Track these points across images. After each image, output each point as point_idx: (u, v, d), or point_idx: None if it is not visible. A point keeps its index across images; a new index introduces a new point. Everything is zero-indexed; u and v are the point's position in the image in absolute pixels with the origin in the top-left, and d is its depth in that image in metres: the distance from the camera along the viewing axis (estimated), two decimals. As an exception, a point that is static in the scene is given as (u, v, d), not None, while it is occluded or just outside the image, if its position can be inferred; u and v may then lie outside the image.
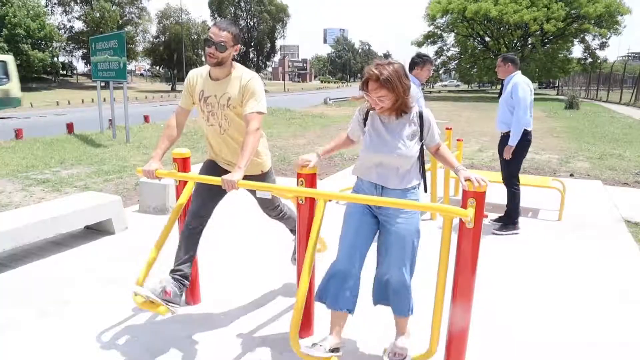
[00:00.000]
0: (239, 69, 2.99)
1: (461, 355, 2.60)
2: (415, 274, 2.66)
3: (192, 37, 55.26)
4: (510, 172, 5.05)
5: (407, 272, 2.59)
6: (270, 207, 3.40)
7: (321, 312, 3.10)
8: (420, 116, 2.60)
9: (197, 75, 3.08)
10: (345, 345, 2.86)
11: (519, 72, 4.91)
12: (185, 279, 3.04)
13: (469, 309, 2.53)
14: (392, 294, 2.64)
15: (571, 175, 8.23)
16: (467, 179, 2.35)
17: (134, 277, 3.94)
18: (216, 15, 65.59)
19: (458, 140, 6.99)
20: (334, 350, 2.61)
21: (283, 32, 70.27)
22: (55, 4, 53.35)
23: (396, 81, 2.42)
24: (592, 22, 36.99)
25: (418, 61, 5.03)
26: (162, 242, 2.98)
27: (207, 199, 3.11)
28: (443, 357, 2.64)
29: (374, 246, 2.72)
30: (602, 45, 40.62)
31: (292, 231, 3.65)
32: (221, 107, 2.96)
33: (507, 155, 4.88)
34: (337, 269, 2.63)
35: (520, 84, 4.77)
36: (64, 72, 57.53)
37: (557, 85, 62.02)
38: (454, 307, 2.53)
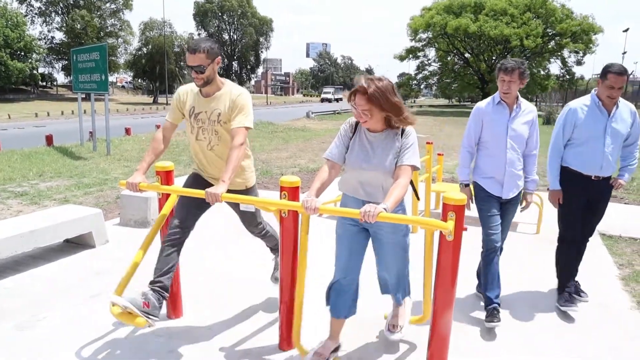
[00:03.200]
0: (227, 85, 3.05)
1: (443, 354, 2.65)
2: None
3: (175, 49, 55.08)
4: None
5: (402, 270, 2.86)
6: (253, 224, 3.42)
7: (305, 324, 3.11)
8: (402, 131, 2.60)
9: (188, 91, 3.12)
10: (341, 343, 2.96)
11: None
12: (165, 291, 2.95)
13: (450, 319, 2.57)
14: (393, 287, 2.95)
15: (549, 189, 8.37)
16: (365, 213, 2.27)
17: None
18: (201, 28, 65.55)
19: (439, 154, 7.11)
20: (334, 350, 2.89)
21: (267, 44, 70.59)
22: (35, 14, 52.81)
23: (381, 98, 2.43)
24: (569, 37, 38.05)
25: None
26: (143, 253, 2.96)
27: (191, 210, 3.10)
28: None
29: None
30: (579, 62, 41.77)
31: (273, 250, 3.69)
32: (212, 123, 3.01)
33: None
34: (336, 285, 2.83)
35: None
36: (44, 83, 56.73)
37: (535, 101, 63.45)
38: (435, 318, 2.57)
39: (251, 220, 3.39)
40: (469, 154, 3.52)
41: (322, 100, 71.83)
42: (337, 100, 73.00)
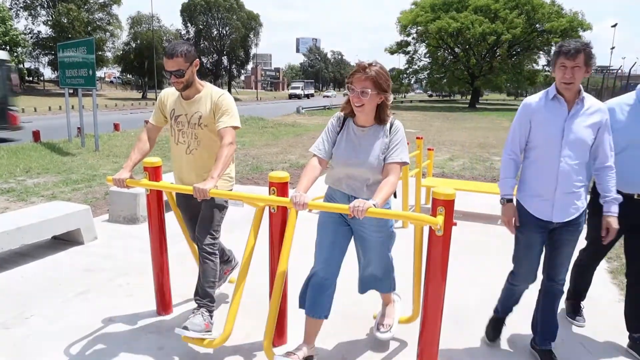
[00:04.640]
0: (207, 87, 3.03)
1: (433, 349, 2.65)
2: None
3: (164, 44, 54.57)
4: None
5: (388, 267, 2.88)
6: (207, 230, 3.04)
7: (294, 320, 3.11)
8: (390, 127, 2.60)
9: (169, 94, 3.12)
10: (318, 353, 2.88)
11: None
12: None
13: (440, 315, 2.58)
14: (378, 282, 2.96)
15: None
16: (354, 208, 2.25)
17: (103, 288, 3.88)
18: (188, 24, 64.98)
19: (429, 149, 7.13)
20: (307, 358, 2.69)
21: (256, 40, 70.09)
22: (20, 8, 52.00)
23: (381, 76, 2.45)
24: (558, 35, 38.40)
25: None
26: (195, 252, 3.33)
27: (194, 225, 3.19)
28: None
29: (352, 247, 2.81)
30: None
31: (201, 300, 3.07)
32: (192, 126, 2.99)
33: None
34: (315, 279, 2.73)
35: None
36: (30, 78, 55.98)
37: (525, 95, 63.79)
38: (425, 313, 2.57)
39: (207, 226, 3.03)
40: (513, 161, 2.79)
41: (290, 96, 65.10)
42: (307, 96, 67.73)
